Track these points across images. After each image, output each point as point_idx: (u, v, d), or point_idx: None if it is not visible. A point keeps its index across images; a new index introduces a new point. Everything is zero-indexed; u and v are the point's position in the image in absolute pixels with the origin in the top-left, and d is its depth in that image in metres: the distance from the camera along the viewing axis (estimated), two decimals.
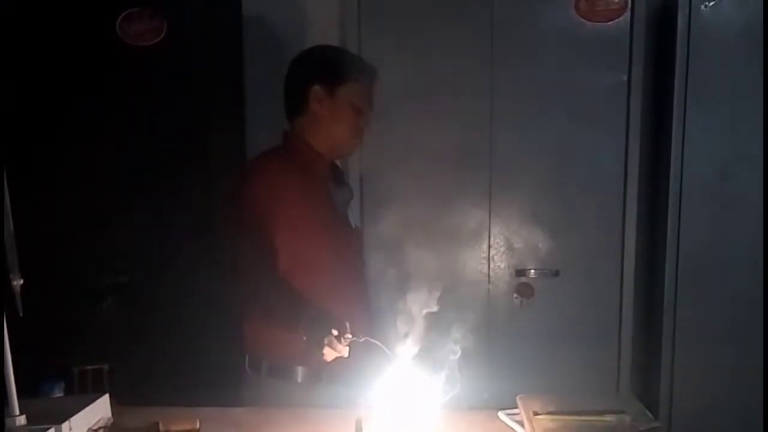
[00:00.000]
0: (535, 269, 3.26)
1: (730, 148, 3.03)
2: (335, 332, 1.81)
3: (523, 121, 3.19)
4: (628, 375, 3.26)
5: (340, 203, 2.33)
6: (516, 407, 1.92)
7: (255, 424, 1.90)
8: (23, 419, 1.63)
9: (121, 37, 2.88)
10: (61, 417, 1.66)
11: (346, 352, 1.84)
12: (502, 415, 1.94)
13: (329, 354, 1.84)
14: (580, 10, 3.13)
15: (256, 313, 2.16)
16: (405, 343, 1.82)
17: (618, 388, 3.22)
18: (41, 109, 2.81)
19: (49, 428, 1.61)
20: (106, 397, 1.89)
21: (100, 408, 1.85)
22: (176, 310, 2.87)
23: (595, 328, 3.25)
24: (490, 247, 3.27)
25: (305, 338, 1.86)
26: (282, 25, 3.26)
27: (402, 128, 3.12)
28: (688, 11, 2.96)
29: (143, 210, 2.85)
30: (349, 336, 1.82)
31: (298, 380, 2.18)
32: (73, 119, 2.82)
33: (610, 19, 3.13)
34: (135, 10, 2.88)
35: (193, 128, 2.89)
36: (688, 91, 3.00)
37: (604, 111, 3.19)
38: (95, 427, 1.77)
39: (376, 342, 1.81)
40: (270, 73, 2.83)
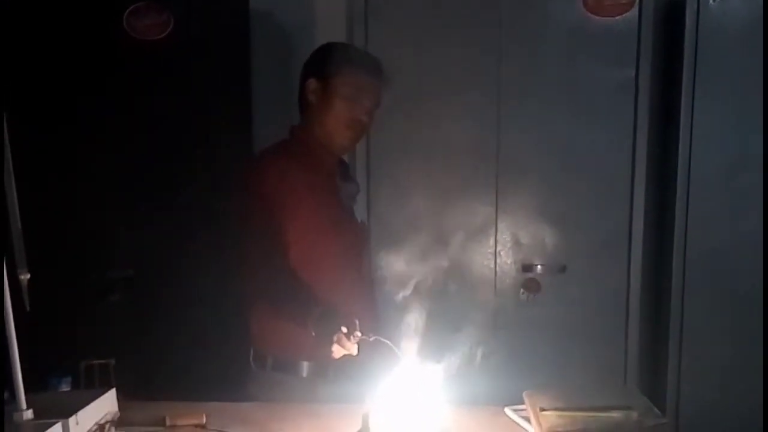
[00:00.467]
0: (542, 264, 3.26)
1: (739, 144, 3.02)
2: (344, 330, 1.81)
3: (531, 116, 3.18)
4: (635, 370, 3.26)
5: (347, 198, 2.34)
6: (523, 403, 1.92)
7: (261, 418, 1.90)
8: (30, 413, 1.64)
9: (128, 32, 2.88)
10: (68, 411, 1.66)
11: (354, 350, 1.84)
12: (508, 410, 1.94)
13: (338, 351, 1.84)
14: (588, 6, 3.11)
15: (264, 307, 2.16)
16: (411, 338, 1.82)
17: (625, 384, 3.21)
18: (47, 103, 2.81)
19: (56, 422, 1.61)
20: (113, 392, 1.90)
21: (107, 402, 1.85)
22: (183, 305, 2.87)
23: (602, 324, 3.24)
24: (496, 242, 3.26)
25: (314, 334, 1.86)
26: (289, 19, 3.25)
27: (409, 124, 3.12)
28: (696, 6, 2.94)
29: (150, 205, 2.85)
30: (359, 334, 1.82)
31: (304, 375, 2.18)
32: (80, 113, 2.82)
33: (618, 14, 3.12)
34: (142, 4, 2.88)
35: (200, 123, 2.89)
36: (697, 86, 2.99)
37: (612, 107, 3.18)
38: (102, 422, 1.78)
39: (386, 341, 1.80)
40: (277, 68, 2.84)
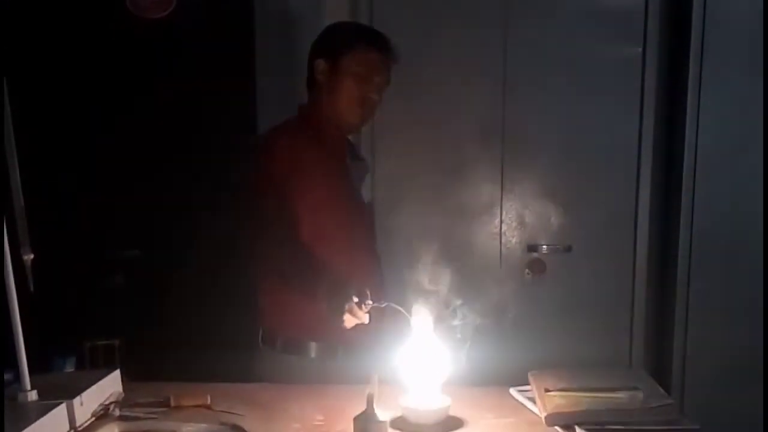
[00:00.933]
0: (547, 245, 3.25)
1: (746, 122, 2.99)
2: (356, 299, 1.81)
3: (536, 95, 3.16)
4: (641, 351, 3.26)
5: (356, 178, 2.34)
6: (528, 384, 1.92)
7: (266, 399, 1.90)
8: (35, 394, 1.64)
9: (131, 10, 2.86)
10: (72, 392, 1.67)
11: (366, 319, 1.84)
12: (513, 391, 1.93)
13: (349, 321, 1.84)
14: None
15: (274, 284, 2.16)
16: (416, 318, 1.81)
17: (630, 365, 3.22)
18: (50, 82, 2.79)
19: (60, 403, 1.62)
20: (117, 372, 1.90)
21: (112, 383, 1.85)
22: (188, 285, 2.87)
23: (608, 304, 3.24)
24: (502, 222, 3.26)
25: (325, 305, 1.86)
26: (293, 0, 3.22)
27: (414, 103, 3.10)
28: None
29: (154, 184, 2.84)
30: (370, 302, 1.82)
31: (312, 355, 2.18)
32: (83, 93, 2.81)
33: None
34: None
35: (204, 101, 2.87)
36: (704, 64, 2.96)
37: (619, 85, 3.16)
38: (107, 402, 1.78)
39: (398, 307, 1.80)
40: (281, 45, 2.82)
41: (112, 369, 1.90)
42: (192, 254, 2.86)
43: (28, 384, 1.64)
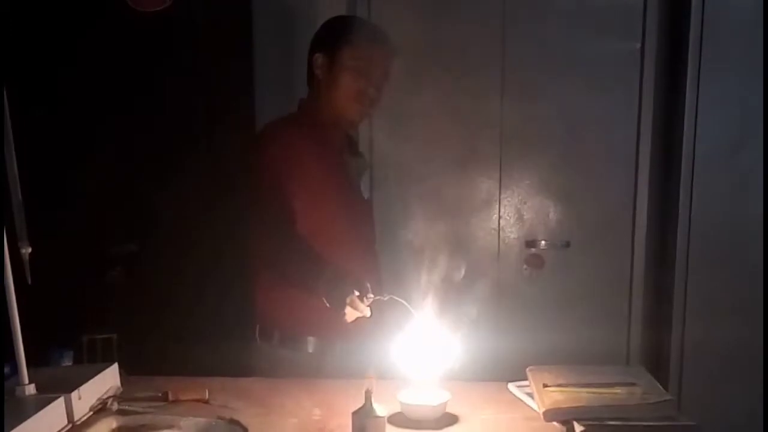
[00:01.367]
0: (546, 240, 3.25)
1: (744, 120, 3.00)
2: (357, 292, 1.80)
3: (535, 90, 3.15)
4: (639, 347, 3.26)
5: (355, 173, 2.33)
6: (526, 379, 1.92)
7: (264, 393, 1.90)
8: (32, 388, 1.64)
9: (129, 3, 2.85)
10: (70, 386, 1.67)
11: (368, 312, 1.84)
12: (511, 386, 1.93)
13: (351, 314, 1.83)
14: None
15: (273, 280, 2.16)
16: (414, 313, 1.81)
17: (628, 360, 3.22)
18: (47, 76, 2.78)
19: (58, 397, 1.62)
20: (115, 366, 1.90)
21: (109, 377, 1.85)
22: (186, 279, 2.86)
23: (606, 300, 3.24)
24: (500, 217, 3.26)
25: (326, 299, 1.86)
26: None
27: (412, 98, 3.09)
28: None
29: (152, 177, 2.83)
30: (372, 295, 1.81)
31: (310, 351, 2.18)
32: (80, 87, 2.80)
33: None
34: None
35: (202, 94, 2.86)
36: (702, 60, 2.97)
37: (617, 80, 3.16)
38: (104, 396, 1.77)
39: (400, 300, 1.80)
40: (279, 39, 2.81)
41: (110, 363, 1.90)
42: (190, 249, 2.85)
43: (26, 378, 1.63)
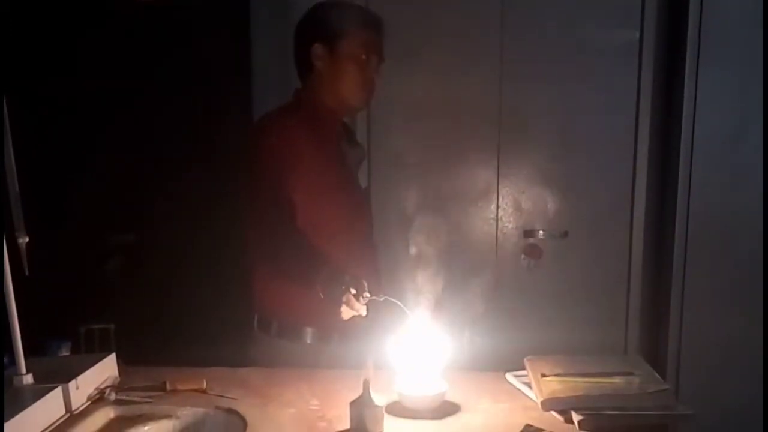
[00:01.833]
0: (544, 230, 3.25)
1: (742, 111, 2.99)
2: (353, 291, 1.80)
3: (533, 80, 3.15)
4: (636, 337, 3.27)
5: (353, 163, 2.33)
6: (524, 369, 1.92)
7: (262, 383, 1.90)
8: (30, 378, 1.64)
9: None
10: (68, 376, 1.67)
11: (363, 311, 1.83)
12: (509, 376, 1.94)
13: (346, 312, 1.83)
14: None
15: (271, 271, 2.16)
16: (413, 303, 1.81)
17: (626, 350, 3.23)
18: (44, 67, 2.78)
19: (56, 387, 1.62)
20: (113, 357, 1.90)
21: (107, 367, 1.85)
22: (183, 270, 2.87)
23: (604, 290, 3.25)
24: (498, 207, 3.25)
25: (322, 296, 1.85)
26: None
27: (410, 87, 3.09)
28: None
29: (149, 168, 2.84)
30: (368, 295, 1.81)
31: (308, 341, 2.18)
32: (77, 78, 2.80)
33: None
34: None
35: (200, 86, 2.87)
36: (701, 49, 2.96)
37: (615, 70, 3.15)
38: (102, 386, 1.78)
39: (396, 301, 1.79)
40: (276, 29, 2.81)
41: (108, 353, 1.90)
42: (188, 239, 2.86)
43: (24, 367, 1.63)
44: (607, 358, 1.97)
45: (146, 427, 1.73)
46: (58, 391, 1.62)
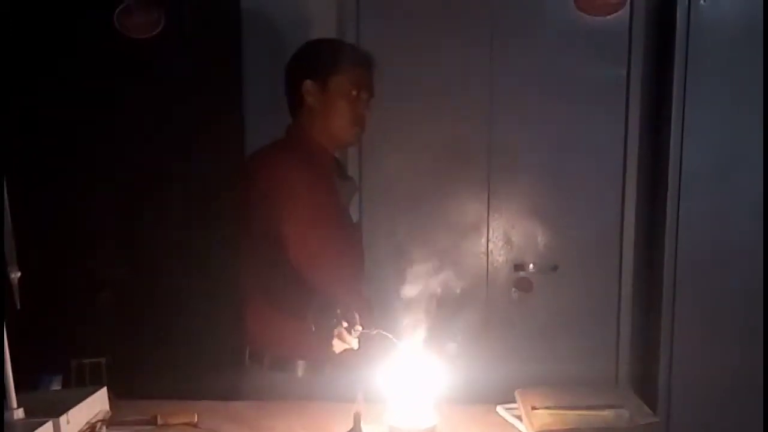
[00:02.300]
0: (534, 264, 3.26)
1: (730, 144, 3.02)
2: (345, 324, 1.81)
3: (522, 115, 3.17)
4: (627, 370, 3.26)
5: (344, 197, 2.34)
6: (514, 401, 1.92)
7: (253, 417, 1.90)
8: (21, 412, 1.62)
9: (120, 30, 2.87)
10: (59, 410, 1.66)
11: (355, 344, 1.84)
12: (500, 409, 1.94)
13: (338, 345, 1.84)
14: (579, 4, 3.12)
15: (260, 305, 2.16)
16: (403, 337, 1.82)
17: (616, 383, 3.22)
18: (38, 100, 2.79)
19: (46, 421, 1.61)
20: (104, 390, 1.88)
21: (98, 401, 1.84)
22: (175, 303, 2.86)
23: (594, 323, 3.25)
24: (488, 241, 3.26)
25: (314, 329, 1.86)
26: (280, 17, 3.23)
27: (400, 121, 3.11)
28: (687, 5, 2.94)
29: (141, 202, 2.84)
30: (360, 328, 1.82)
31: (300, 374, 2.18)
32: (70, 111, 2.81)
33: (609, 14, 3.12)
34: (132, 1, 2.86)
35: (192, 120, 2.88)
36: (688, 85, 2.99)
37: (604, 105, 3.18)
38: (93, 420, 1.77)
39: (388, 335, 1.80)
40: (269, 65, 2.84)
41: (99, 387, 1.89)
42: (179, 273, 2.85)
43: (14, 402, 1.62)
44: (598, 391, 1.98)
45: None
46: (48, 426, 1.60)
